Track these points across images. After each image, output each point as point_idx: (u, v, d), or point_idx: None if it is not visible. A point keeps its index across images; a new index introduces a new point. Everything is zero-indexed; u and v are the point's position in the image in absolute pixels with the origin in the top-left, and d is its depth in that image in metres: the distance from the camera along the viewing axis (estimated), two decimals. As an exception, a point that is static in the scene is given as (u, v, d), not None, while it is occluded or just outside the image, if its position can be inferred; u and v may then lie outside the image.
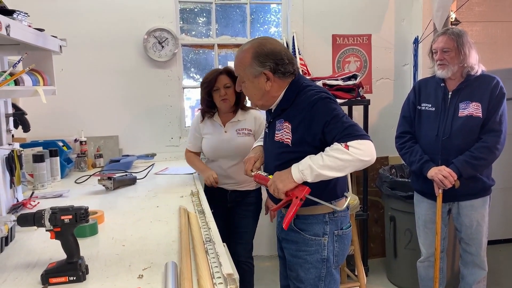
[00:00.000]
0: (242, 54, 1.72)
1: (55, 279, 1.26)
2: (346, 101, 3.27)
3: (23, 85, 1.75)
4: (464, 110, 2.41)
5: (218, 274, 1.30)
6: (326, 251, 1.75)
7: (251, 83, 1.72)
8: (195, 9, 3.77)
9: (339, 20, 3.72)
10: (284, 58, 1.71)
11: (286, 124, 1.71)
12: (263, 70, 1.68)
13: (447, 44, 2.41)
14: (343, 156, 1.55)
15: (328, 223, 1.75)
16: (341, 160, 1.55)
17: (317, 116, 1.64)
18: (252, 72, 1.70)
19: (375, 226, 3.82)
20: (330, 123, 1.61)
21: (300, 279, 1.77)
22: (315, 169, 1.56)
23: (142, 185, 2.62)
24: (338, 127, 1.60)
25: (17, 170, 2.03)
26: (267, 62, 1.68)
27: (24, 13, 1.73)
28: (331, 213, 1.76)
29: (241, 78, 1.74)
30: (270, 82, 1.71)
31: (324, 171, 1.56)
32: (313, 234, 1.75)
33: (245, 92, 1.77)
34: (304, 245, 1.76)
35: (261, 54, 1.68)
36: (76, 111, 3.34)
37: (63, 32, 2.55)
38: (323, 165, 1.56)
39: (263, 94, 1.73)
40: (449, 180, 2.37)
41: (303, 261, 1.76)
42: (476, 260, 2.54)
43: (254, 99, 1.77)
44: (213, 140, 2.64)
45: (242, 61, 1.71)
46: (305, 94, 1.70)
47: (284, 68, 1.71)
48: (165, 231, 1.75)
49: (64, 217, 1.29)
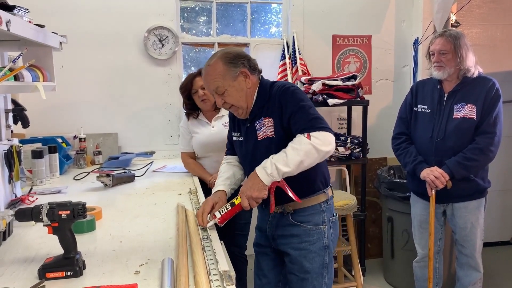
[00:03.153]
0: (213, 67, 1.73)
1: (52, 274, 1.26)
2: (345, 102, 3.28)
3: (22, 81, 1.75)
4: (459, 112, 2.42)
5: (215, 271, 1.30)
6: (327, 238, 1.83)
7: (232, 87, 1.74)
8: (196, 8, 3.78)
9: (340, 21, 3.73)
10: (248, 56, 1.80)
11: (267, 120, 1.76)
12: (240, 69, 1.74)
13: (444, 46, 2.41)
14: (304, 147, 1.61)
15: (324, 211, 1.84)
16: (304, 151, 1.61)
17: (284, 105, 1.71)
18: (230, 76, 1.73)
19: (373, 226, 3.82)
20: (296, 114, 1.68)
21: (306, 269, 1.80)
22: (281, 169, 1.61)
23: (141, 182, 2.63)
24: (304, 118, 1.67)
25: (16, 166, 2.04)
26: (239, 61, 1.74)
27: (24, 9, 1.73)
28: (325, 202, 1.85)
29: (221, 89, 1.73)
30: (248, 79, 1.76)
31: (290, 168, 1.61)
32: (313, 224, 1.81)
33: (230, 100, 1.76)
34: (306, 236, 1.81)
35: (231, 58, 1.73)
36: (75, 108, 3.34)
37: (64, 29, 2.56)
38: (288, 162, 1.61)
39: (246, 94, 1.77)
40: (441, 180, 2.38)
41: (307, 252, 1.81)
42: (471, 262, 2.55)
43: (240, 102, 1.77)
44: (202, 137, 2.72)
45: (216, 72, 1.72)
46: (276, 87, 1.78)
47: (254, 64, 1.80)
48: (163, 228, 1.75)
49: (61, 212, 1.30)
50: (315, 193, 1.82)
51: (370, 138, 3.55)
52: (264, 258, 2.00)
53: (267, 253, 1.98)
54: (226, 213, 1.68)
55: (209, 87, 1.77)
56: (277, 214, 1.87)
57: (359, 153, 3.38)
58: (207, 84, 1.77)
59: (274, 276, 1.98)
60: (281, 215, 1.86)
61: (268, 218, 1.92)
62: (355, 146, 3.37)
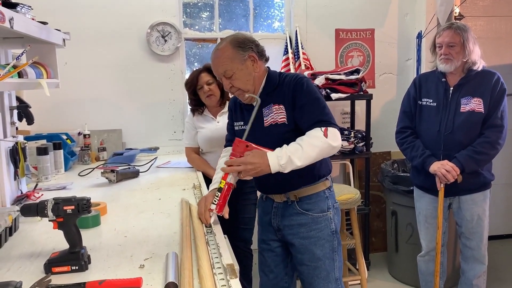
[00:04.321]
0: (221, 51, 1.75)
1: (58, 268, 1.28)
2: (349, 96, 3.28)
3: (26, 78, 1.76)
4: (466, 105, 2.42)
5: (218, 264, 1.31)
6: (333, 223, 1.86)
7: (240, 70, 1.75)
8: (198, 3, 3.78)
9: (342, 15, 3.71)
10: (257, 41, 1.82)
11: (276, 107, 1.77)
12: (248, 53, 1.75)
13: (453, 38, 2.40)
14: (322, 144, 1.62)
15: (328, 198, 1.87)
16: (320, 148, 1.63)
17: (299, 95, 1.73)
18: (239, 59, 1.74)
19: (377, 220, 3.83)
20: (311, 105, 1.71)
21: (317, 257, 1.83)
22: (295, 162, 1.61)
23: (145, 178, 2.64)
24: (319, 111, 1.70)
25: (21, 162, 2.05)
26: (247, 46, 1.75)
27: (27, 6, 1.74)
28: (328, 189, 1.88)
29: (229, 72, 1.74)
30: (256, 64, 1.77)
31: (303, 163, 1.62)
32: (320, 211, 1.84)
33: (237, 83, 1.76)
34: (314, 224, 1.83)
35: (240, 42, 1.75)
36: (80, 104, 3.36)
37: (67, 25, 2.56)
38: (302, 156, 1.61)
39: (253, 78, 1.78)
40: (452, 174, 2.38)
41: (316, 239, 1.83)
42: (476, 254, 2.55)
43: (248, 86, 1.78)
44: (208, 132, 2.74)
45: (225, 56, 1.74)
46: (289, 77, 1.80)
47: (262, 50, 1.82)
48: (167, 223, 1.76)
49: (66, 207, 1.31)
50: (320, 180, 1.85)
51: (374, 132, 3.55)
52: (270, 255, 2.00)
53: (272, 249, 1.98)
54: (219, 201, 1.67)
55: (217, 70, 1.78)
56: (281, 203, 1.88)
57: (362, 147, 3.38)
58: (215, 67, 1.78)
59: (281, 270, 2.00)
60: (285, 204, 1.87)
61: (271, 210, 1.93)
62: (359, 140, 3.37)
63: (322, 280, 1.84)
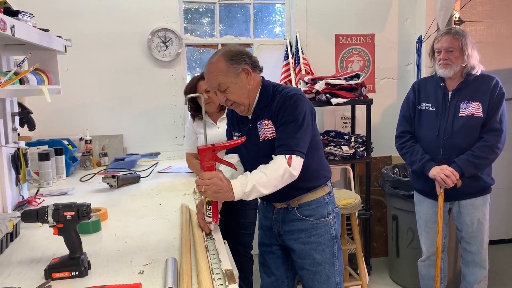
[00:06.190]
0: (215, 65, 1.73)
1: (58, 274, 1.29)
2: (349, 101, 3.29)
3: (28, 84, 1.78)
4: (465, 109, 2.42)
5: (218, 270, 1.32)
6: (333, 228, 1.88)
7: (235, 84, 1.74)
8: (199, 9, 3.80)
9: (342, 20, 3.73)
10: (250, 53, 1.80)
11: (266, 122, 1.77)
12: (242, 66, 1.73)
13: (452, 44, 2.41)
14: (284, 174, 1.63)
15: (328, 203, 1.88)
16: (283, 178, 1.64)
17: (282, 112, 1.72)
18: (233, 73, 1.72)
19: (378, 225, 3.82)
20: (287, 125, 1.70)
21: (318, 262, 1.85)
22: (260, 191, 1.62)
23: (146, 183, 2.65)
24: (291, 135, 1.69)
25: (23, 168, 2.07)
26: (240, 58, 1.74)
27: (29, 13, 1.76)
28: (328, 194, 1.89)
29: (223, 85, 1.73)
30: (250, 76, 1.76)
31: (267, 191, 1.63)
32: (320, 217, 1.85)
33: (232, 97, 1.75)
34: (314, 229, 1.85)
35: (233, 55, 1.73)
36: (81, 110, 3.38)
37: (69, 32, 2.59)
38: (267, 185, 1.62)
39: (248, 91, 1.77)
40: (451, 179, 2.38)
41: (316, 245, 1.85)
42: (477, 259, 2.55)
43: (242, 99, 1.77)
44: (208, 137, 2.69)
45: (219, 69, 1.72)
46: (280, 92, 1.78)
47: (255, 61, 1.80)
48: (167, 228, 1.77)
49: (66, 213, 1.32)
50: (320, 186, 1.86)
51: (374, 137, 3.56)
52: (271, 257, 2.02)
53: (273, 251, 2.00)
54: (212, 212, 1.65)
55: (211, 84, 1.77)
56: (281, 209, 1.89)
57: (363, 151, 3.38)
58: (209, 81, 1.76)
59: (282, 273, 2.01)
60: (285, 210, 1.88)
61: (272, 215, 1.94)
62: (359, 145, 3.38)
63: (323, 284, 1.86)
